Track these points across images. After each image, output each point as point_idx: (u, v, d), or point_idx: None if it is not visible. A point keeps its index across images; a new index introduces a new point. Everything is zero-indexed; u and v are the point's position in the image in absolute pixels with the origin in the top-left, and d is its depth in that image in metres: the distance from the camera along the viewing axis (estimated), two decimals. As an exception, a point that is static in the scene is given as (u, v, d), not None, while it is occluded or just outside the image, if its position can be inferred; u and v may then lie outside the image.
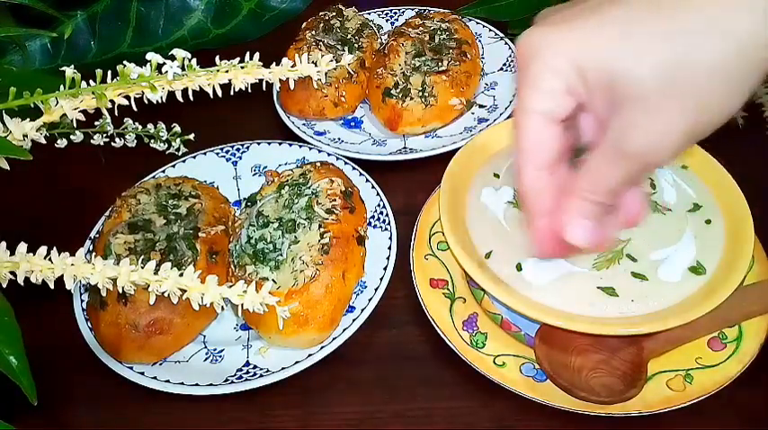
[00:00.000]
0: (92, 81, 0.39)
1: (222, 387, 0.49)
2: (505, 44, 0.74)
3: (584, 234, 0.38)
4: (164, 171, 0.64)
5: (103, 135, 0.53)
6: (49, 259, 0.37)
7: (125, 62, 0.38)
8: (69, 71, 0.39)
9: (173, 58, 0.38)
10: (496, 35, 0.76)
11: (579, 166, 0.38)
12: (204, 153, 0.66)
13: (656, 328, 0.42)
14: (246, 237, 0.54)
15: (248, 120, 0.71)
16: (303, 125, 0.68)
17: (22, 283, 0.37)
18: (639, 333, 0.43)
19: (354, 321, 0.51)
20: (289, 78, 0.42)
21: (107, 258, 0.43)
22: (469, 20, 0.76)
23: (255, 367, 0.50)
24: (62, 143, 0.49)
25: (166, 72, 0.38)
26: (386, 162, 0.64)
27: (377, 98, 0.67)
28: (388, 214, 0.58)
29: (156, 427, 0.49)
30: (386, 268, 0.54)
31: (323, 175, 0.57)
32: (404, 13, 0.81)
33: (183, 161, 0.65)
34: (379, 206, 0.59)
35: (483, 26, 0.77)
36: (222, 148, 0.66)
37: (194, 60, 0.39)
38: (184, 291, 0.36)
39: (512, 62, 0.72)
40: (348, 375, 0.51)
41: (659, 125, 0.32)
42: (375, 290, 0.53)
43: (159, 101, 0.39)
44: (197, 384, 0.49)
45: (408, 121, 0.66)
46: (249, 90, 0.41)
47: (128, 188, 0.59)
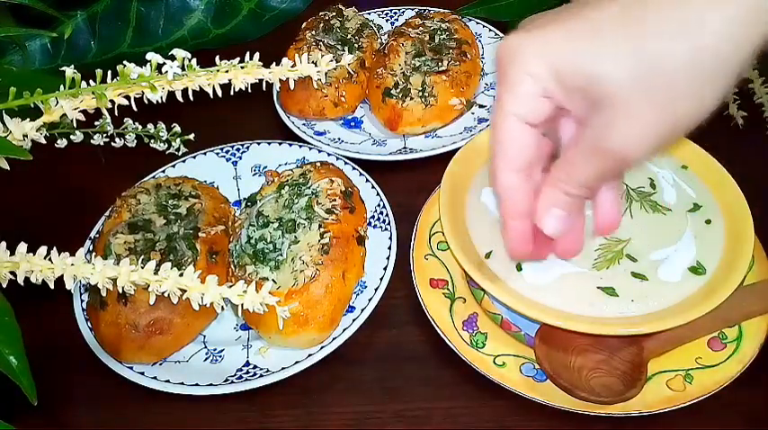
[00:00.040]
0: (92, 81, 0.39)
1: (222, 387, 0.49)
2: (505, 44, 0.74)
3: (556, 224, 0.39)
4: (164, 171, 0.64)
5: (103, 135, 0.53)
6: (49, 259, 0.37)
7: (125, 62, 0.38)
8: (69, 71, 0.39)
9: (173, 58, 0.38)
10: (496, 35, 0.75)
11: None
12: (204, 153, 0.66)
13: (656, 328, 0.42)
14: (246, 237, 0.54)
15: (248, 120, 0.71)
16: (303, 125, 0.68)
17: (22, 283, 0.37)
18: (639, 333, 0.43)
19: (354, 321, 0.51)
20: (289, 78, 0.42)
21: (107, 258, 0.43)
22: (469, 20, 0.76)
23: (255, 367, 0.50)
24: (62, 143, 0.49)
25: (166, 72, 0.38)
26: (386, 162, 0.64)
27: (377, 98, 0.67)
28: (388, 214, 0.58)
29: (156, 427, 0.49)
30: (386, 268, 0.54)
31: (323, 175, 0.57)
32: (404, 13, 0.80)
33: (183, 161, 0.65)
34: (379, 206, 0.59)
35: (483, 26, 0.76)
36: (222, 148, 0.66)
37: (194, 60, 0.39)
38: (184, 291, 0.36)
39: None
40: (348, 375, 0.51)
41: (634, 125, 0.33)
42: (375, 290, 0.53)
43: (159, 101, 0.39)
44: (197, 384, 0.49)
45: (408, 121, 0.66)
46: (249, 90, 0.41)
47: (128, 188, 0.59)
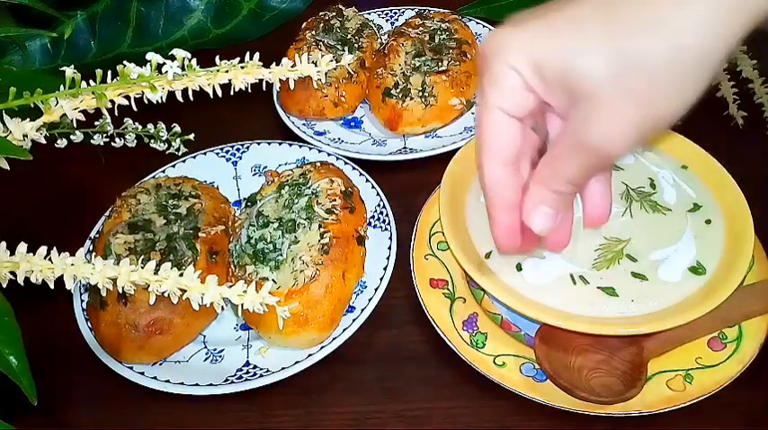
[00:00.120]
0: (92, 81, 0.39)
1: (222, 387, 0.49)
2: (505, 44, 0.74)
3: (544, 221, 0.39)
4: (164, 171, 0.64)
5: (103, 135, 0.53)
6: (49, 259, 0.37)
7: (125, 62, 0.38)
8: (69, 71, 0.39)
9: (173, 58, 0.38)
10: (496, 35, 0.75)
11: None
12: (204, 153, 0.66)
13: (655, 328, 0.42)
14: (246, 237, 0.54)
15: (248, 120, 0.71)
16: (303, 125, 0.68)
17: (22, 283, 0.37)
18: (639, 333, 0.43)
19: (354, 321, 0.51)
20: (289, 78, 0.42)
21: (107, 258, 0.43)
22: (469, 20, 0.76)
23: (255, 367, 0.50)
24: (62, 143, 0.49)
25: (166, 72, 0.38)
26: (386, 162, 0.64)
27: (377, 98, 0.67)
28: (388, 214, 0.58)
29: (156, 427, 0.49)
30: (386, 268, 0.54)
31: (323, 175, 0.57)
32: (404, 13, 0.81)
33: (183, 161, 0.65)
34: (379, 206, 0.59)
35: (483, 26, 0.76)
36: (222, 148, 0.66)
37: (194, 60, 0.39)
38: (184, 291, 0.36)
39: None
40: (348, 375, 0.51)
41: (612, 119, 0.33)
42: (375, 290, 0.53)
43: (159, 101, 0.39)
44: (197, 384, 0.49)
45: (408, 121, 0.66)
46: (249, 90, 0.41)
47: (128, 188, 0.59)
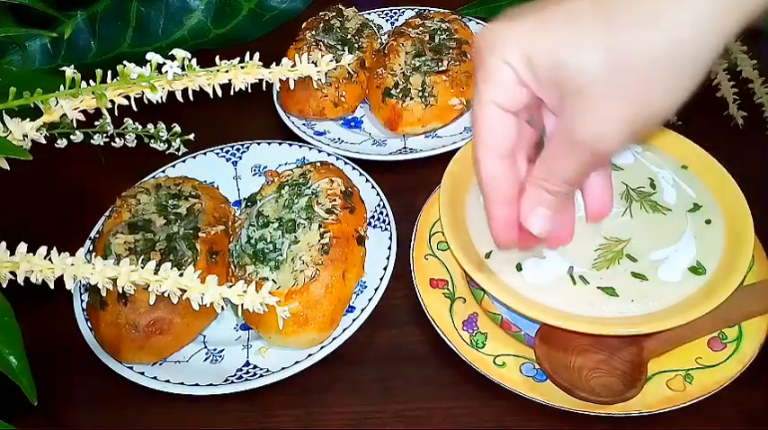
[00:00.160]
0: (92, 81, 0.39)
1: (222, 387, 0.49)
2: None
3: (542, 223, 0.39)
4: (164, 171, 0.64)
5: (103, 135, 0.53)
6: (49, 259, 0.37)
7: (125, 62, 0.38)
8: (69, 71, 0.39)
9: (173, 58, 0.38)
10: (496, 35, 0.75)
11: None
12: (204, 153, 0.66)
13: (655, 328, 0.42)
14: (246, 237, 0.54)
15: (248, 120, 0.71)
16: (303, 125, 0.68)
17: (22, 283, 0.37)
18: (639, 333, 0.43)
19: (354, 321, 0.51)
20: (289, 78, 0.42)
21: (107, 258, 0.43)
22: (469, 20, 0.76)
23: (255, 367, 0.50)
24: (62, 143, 0.49)
25: (166, 72, 0.38)
26: (386, 162, 0.64)
27: (377, 98, 0.67)
28: (388, 214, 0.58)
29: (156, 427, 0.49)
30: (386, 268, 0.54)
31: (323, 175, 0.57)
32: (404, 13, 0.81)
33: (183, 161, 0.65)
34: (379, 206, 0.59)
35: (483, 26, 0.76)
36: (222, 148, 0.66)
37: (194, 60, 0.39)
38: (184, 291, 0.36)
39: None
40: (348, 375, 0.51)
41: (602, 113, 0.33)
42: (375, 290, 0.53)
43: (159, 101, 0.39)
44: (197, 384, 0.49)
45: (408, 121, 0.66)
46: (249, 90, 0.41)
47: (128, 188, 0.59)
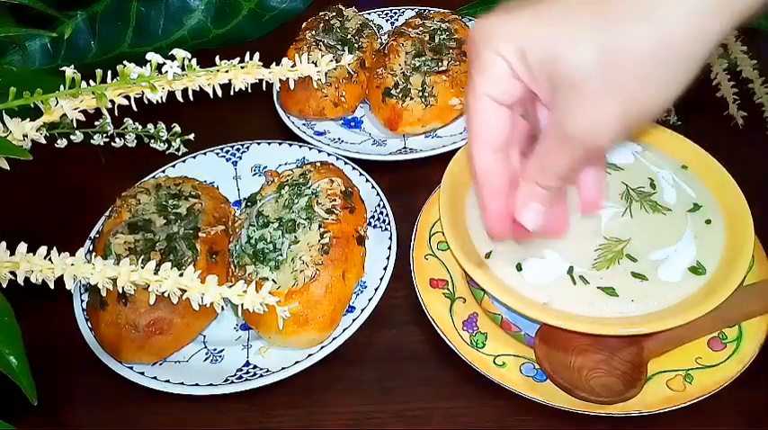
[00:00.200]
0: (92, 81, 0.39)
1: (222, 387, 0.49)
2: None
3: (535, 217, 0.39)
4: (164, 171, 0.64)
5: (103, 135, 0.53)
6: (49, 259, 0.37)
7: (125, 62, 0.38)
8: (69, 71, 0.39)
9: (173, 58, 0.38)
10: (496, 35, 0.75)
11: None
12: (204, 153, 0.66)
13: (655, 328, 0.42)
14: (246, 237, 0.54)
15: (248, 120, 0.71)
16: (303, 125, 0.68)
17: (22, 283, 0.37)
18: (639, 333, 0.43)
19: (354, 321, 0.51)
20: (289, 78, 0.42)
21: (107, 258, 0.43)
22: (469, 20, 0.76)
23: (255, 367, 0.50)
24: (62, 143, 0.49)
25: (166, 72, 0.38)
26: (386, 162, 0.64)
27: (377, 98, 0.67)
28: (388, 214, 0.58)
29: (156, 427, 0.49)
30: (386, 268, 0.54)
31: (323, 175, 0.57)
32: (404, 13, 0.81)
33: (183, 161, 0.65)
34: (379, 206, 0.59)
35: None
36: (222, 148, 0.66)
37: (194, 60, 0.39)
38: (184, 291, 0.36)
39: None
40: (348, 375, 0.51)
41: (595, 109, 0.33)
42: (375, 290, 0.53)
43: (159, 101, 0.39)
44: (197, 384, 0.49)
45: (408, 121, 0.66)
46: (249, 90, 0.41)
47: (128, 188, 0.59)
